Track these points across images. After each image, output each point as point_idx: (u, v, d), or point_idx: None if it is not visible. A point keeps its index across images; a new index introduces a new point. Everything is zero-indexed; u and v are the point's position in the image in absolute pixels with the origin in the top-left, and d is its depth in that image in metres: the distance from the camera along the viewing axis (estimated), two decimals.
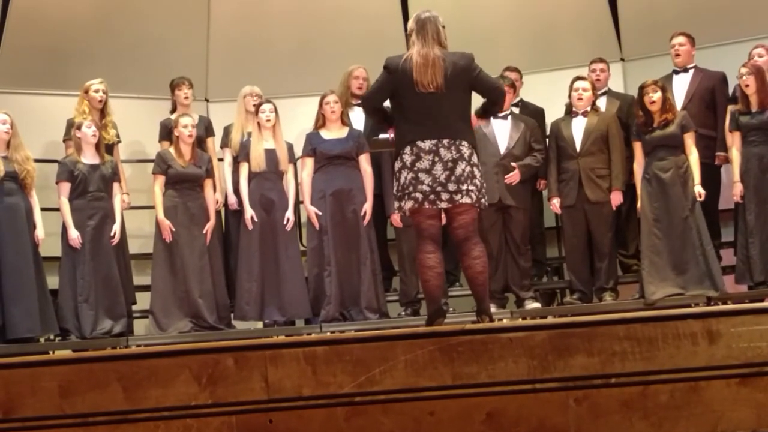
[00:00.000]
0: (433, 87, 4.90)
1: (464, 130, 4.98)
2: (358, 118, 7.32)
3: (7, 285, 6.35)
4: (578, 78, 7.04)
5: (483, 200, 5.02)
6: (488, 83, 5.08)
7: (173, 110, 7.55)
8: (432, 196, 4.90)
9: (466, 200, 4.91)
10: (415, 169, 4.91)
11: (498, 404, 4.02)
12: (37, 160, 6.85)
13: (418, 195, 4.90)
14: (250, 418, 4.08)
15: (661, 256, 6.63)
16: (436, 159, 4.89)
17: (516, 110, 7.40)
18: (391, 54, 8.52)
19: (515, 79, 7.49)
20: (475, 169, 4.96)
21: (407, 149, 4.94)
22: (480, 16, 8.24)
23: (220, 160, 7.51)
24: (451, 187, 4.88)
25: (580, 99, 6.97)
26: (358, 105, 7.38)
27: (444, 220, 5.12)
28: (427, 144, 4.90)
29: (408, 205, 4.94)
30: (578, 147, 6.94)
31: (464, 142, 4.94)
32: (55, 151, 7.46)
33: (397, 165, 5.00)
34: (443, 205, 4.92)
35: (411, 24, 5.08)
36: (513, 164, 6.87)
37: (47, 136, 7.64)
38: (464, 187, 4.89)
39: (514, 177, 6.89)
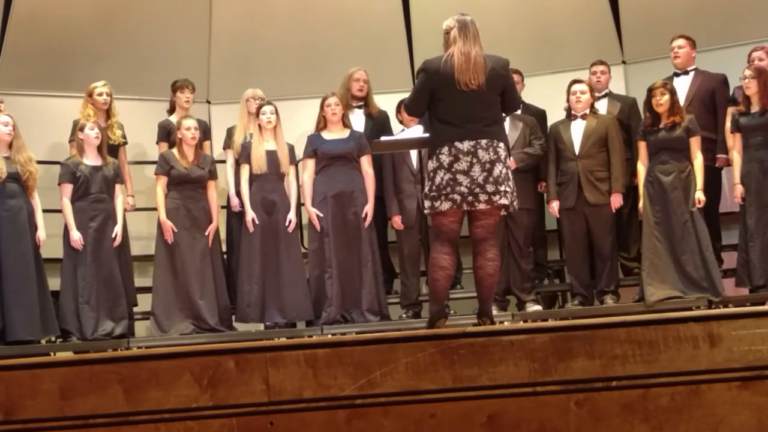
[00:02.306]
0: (474, 84, 4.91)
1: (500, 132, 5.01)
2: (358, 120, 7.33)
3: (8, 287, 6.34)
4: (575, 81, 7.05)
5: (516, 202, 5.06)
6: (514, 96, 5.19)
7: (171, 111, 7.56)
8: (470, 198, 4.90)
9: (504, 201, 4.94)
10: (453, 170, 4.90)
11: (499, 407, 4.02)
12: (40, 162, 6.87)
13: (457, 197, 4.90)
14: (250, 421, 4.08)
15: (662, 258, 6.62)
16: (474, 160, 4.89)
17: (518, 112, 7.39)
18: (392, 55, 8.57)
19: (516, 81, 7.48)
20: (509, 172, 5.00)
21: (445, 149, 4.93)
22: (482, 18, 8.10)
23: (221, 162, 7.51)
24: (490, 188, 4.89)
25: (578, 102, 6.98)
26: (359, 107, 7.40)
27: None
28: (465, 145, 4.90)
29: (445, 206, 4.93)
30: (577, 149, 6.94)
31: (501, 144, 4.96)
32: (58, 152, 7.47)
33: (432, 165, 4.98)
34: (481, 206, 4.92)
35: (450, 23, 5.06)
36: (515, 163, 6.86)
37: (50, 138, 7.65)
38: (502, 188, 4.91)
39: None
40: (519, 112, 7.37)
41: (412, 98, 5.12)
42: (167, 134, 7.25)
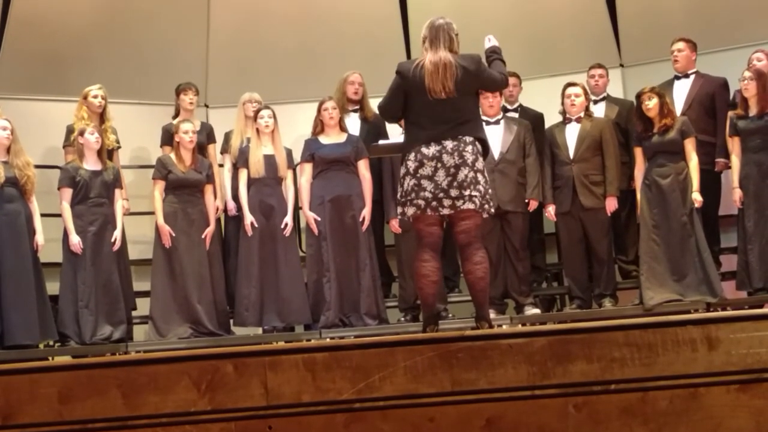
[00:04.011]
0: (445, 93, 4.93)
1: (470, 130, 4.98)
2: (353, 124, 7.33)
3: (6, 291, 6.34)
4: (570, 84, 7.05)
5: (487, 206, 5.01)
6: (491, 77, 5.10)
7: (176, 115, 7.56)
8: (434, 203, 4.90)
9: (469, 206, 4.91)
10: (418, 175, 4.92)
11: (497, 410, 4.02)
12: (37, 166, 6.85)
13: (421, 202, 4.91)
14: (249, 425, 4.08)
15: (660, 262, 6.62)
16: (439, 165, 4.89)
17: (515, 115, 7.40)
18: (390, 58, 8.55)
19: (513, 84, 7.50)
20: (479, 175, 4.96)
21: (411, 155, 4.95)
22: (479, 21, 8.24)
23: (221, 166, 7.51)
24: (453, 192, 4.88)
25: (572, 105, 6.98)
26: (354, 111, 7.40)
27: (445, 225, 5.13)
28: (430, 150, 4.91)
29: (410, 211, 4.96)
30: (572, 153, 6.94)
31: (468, 148, 4.93)
32: (55, 156, 7.47)
33: (402, 171, 5.02)
34: (445, 211, 4.92)
35: (424, 31, 5.08)
36: (527, 200, 6.96)
37: (47, 142, 7.64)
38: (467, 192, 4.89)
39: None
40: (516, 116, 7.41)
41: (386, 99, 5.13)
42: (171, 137, 7.25)
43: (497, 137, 6.98)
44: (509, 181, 6.93)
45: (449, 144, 4.91)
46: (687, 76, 7.21)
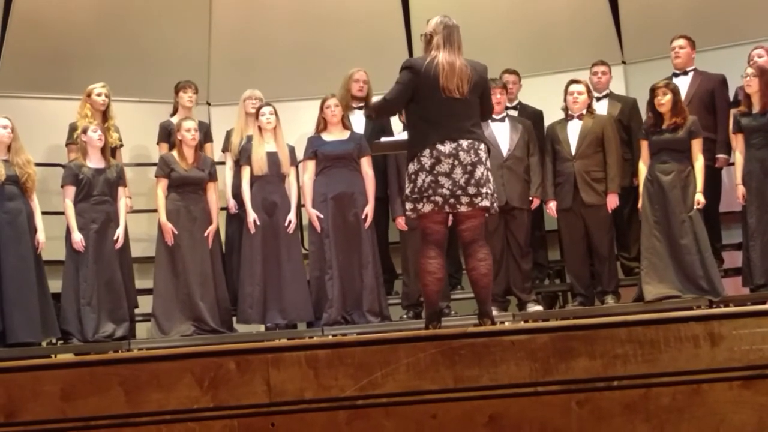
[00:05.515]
0: (459, 93, 4.94)
1: (480, 134, 5.03)
2: (358, 121, 7.33)
3: (8, 289, 6.35)
4: (573, 81, 7.04)
5: (495, 204, 5.06)
6: (490, 100, 5.23)
7: (174, 113, 7.56)
8: (452, 200, 4.91)
9: (485, 203, 4.95)
10: (435, 172, 4.91)
11: (500, 407, 4.02)
12: (39, 164, 6.87)
13: (438, 198, 4.91)
14: (252, 422, 4.08)
15: (661, 258, 6.62)
16: (456, 162, 4.90)
17: (514, 113, 7.40)
18: (392, 56, 8.59)
19: (513, 81, 7.50)
20: (489, 173, 5.01)
21: (426, 152, 4.94)
22: (480, 18, 8.25)
23: (220, 164, 7.51)
24: (471, 190, 4.90)
25: (575, 102, 6.97)
26: (359, 108, 7.40)
27: (449, 222, 5.13)
28: (447, 147, 4.91)
29: (427, 208, 4.94)
30: (573, 150, 6.94)
31: (482, 146, 4.98)
32: (57, 155, 7.48)
33: (413, 167, 4.99)
34: (463, 208, 4.93)
35: (435, 27, 5.06)
36: (531, 198, 6.99)
37: (50, 140, 7.65)
38: (483, 190, 4.93)
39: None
40: (516, 113, 7.41)
41: (396, 93, 5.05)
42: (168, 135, 7.26)
43: (504, 135, 6.99)
44: (517, 178, 6.94)
45: (464, 142, 4.93)
46: (686, 73, 7.21)
